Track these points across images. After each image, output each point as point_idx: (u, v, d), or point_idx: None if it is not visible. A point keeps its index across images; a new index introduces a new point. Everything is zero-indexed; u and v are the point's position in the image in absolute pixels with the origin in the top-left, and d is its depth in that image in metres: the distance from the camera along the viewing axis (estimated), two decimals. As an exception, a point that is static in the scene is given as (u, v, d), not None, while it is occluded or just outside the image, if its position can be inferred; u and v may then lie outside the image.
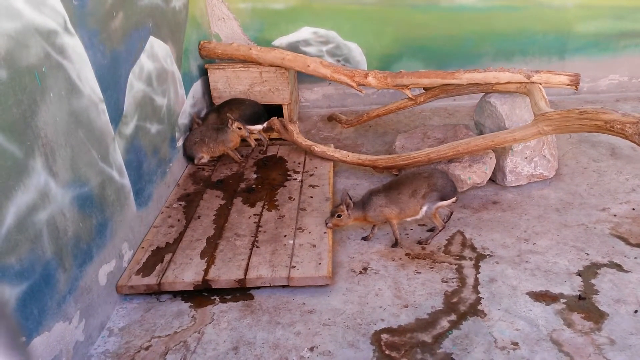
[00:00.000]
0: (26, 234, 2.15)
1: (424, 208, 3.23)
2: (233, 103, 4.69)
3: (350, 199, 3.20)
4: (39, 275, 2.22)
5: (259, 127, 4.63)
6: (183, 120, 4.37)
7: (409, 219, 3.32)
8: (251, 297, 2.94)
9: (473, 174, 3.72)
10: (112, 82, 3.06)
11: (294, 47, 5.41)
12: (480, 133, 4.17)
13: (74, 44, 2.63)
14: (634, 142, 2.89)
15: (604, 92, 5.68)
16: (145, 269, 3.05)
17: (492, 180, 3.98)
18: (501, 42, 5.45)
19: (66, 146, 2.50)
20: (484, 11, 5.30)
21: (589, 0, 5.29)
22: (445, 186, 3.24)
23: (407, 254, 3.22)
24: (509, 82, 3.87)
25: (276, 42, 5.44)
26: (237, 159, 4.40)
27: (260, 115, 4.66)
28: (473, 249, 3.24)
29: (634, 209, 3.54)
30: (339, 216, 3.21)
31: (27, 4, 2.26)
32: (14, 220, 2.08)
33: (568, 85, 3.78)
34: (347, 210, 3.20)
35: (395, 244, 3.30)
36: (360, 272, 3.08)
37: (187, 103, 4.48)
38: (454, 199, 3.28)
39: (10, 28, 2.15)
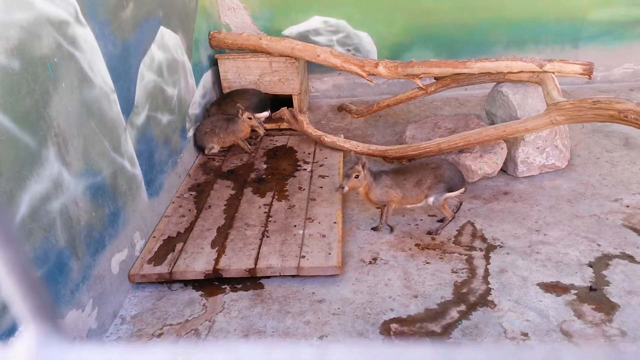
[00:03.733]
0: (40, 223, 2.18)
1: (431, 199, 3.22)
2: (235, 94, 4.68)
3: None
4: (52, 264, 2.25)
5: (266, 114, 4.63)
6: (193, 110, 4.38)
7: (409, 206, 3.33)
8: (261, 287, 2.96)
9: (484, 165, 3.70)
10: (123, 72, 3.08)
11: (303, 37, 5.38)
12: (492, 123, 4.14)
13: (85, 35, 2.64)
14: (648, 132, 2.85)
15: (618, 81, 5.59)
16: (157, 258, 3.08)
17: (504, 170, 3.95)
18: (513, 30, 5.37)
19: (78, 136, 2.52)
20: (497, -2, 5.24)
21: (604, -13, 5.20)
22: (452, 177, 3.22)
23: (417, 245, 3.22)
24: (521, 72, 3.83)
25: (286, 32, 5.42)
26: (247, 149, 4.41)
27: (266, 103, 4.67)
28: (483, 239, 3.23)
29: (647, 200, 3.50)
30: (357, 177, 3.05)
31: (38, -6, 2.28)
32: (28, 210, 2.11)
33: (581, 74, 3.72)
34: (364, 170, 3.06)
35: (375, 228, 3.34)
36: (370, 262, 3.09)
37: (197, 93, 4.49)
38: (462, 190, 3.26)
39: (23, 19, 2.17)
